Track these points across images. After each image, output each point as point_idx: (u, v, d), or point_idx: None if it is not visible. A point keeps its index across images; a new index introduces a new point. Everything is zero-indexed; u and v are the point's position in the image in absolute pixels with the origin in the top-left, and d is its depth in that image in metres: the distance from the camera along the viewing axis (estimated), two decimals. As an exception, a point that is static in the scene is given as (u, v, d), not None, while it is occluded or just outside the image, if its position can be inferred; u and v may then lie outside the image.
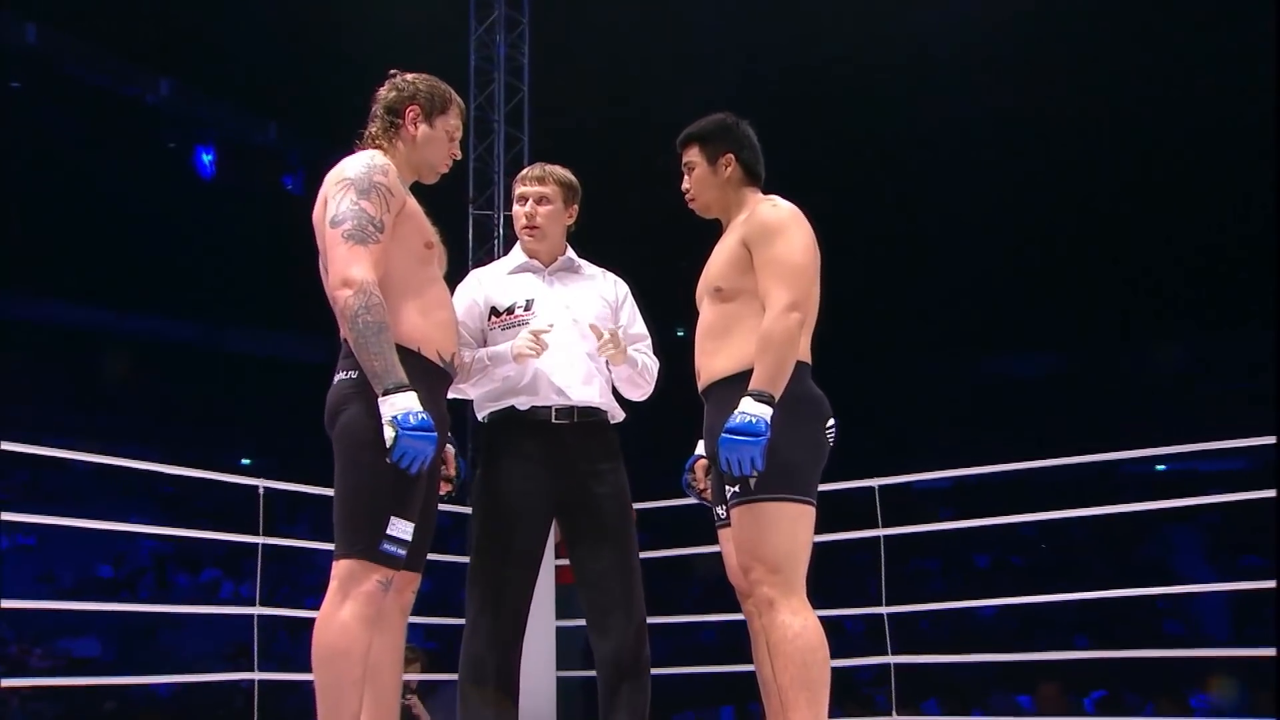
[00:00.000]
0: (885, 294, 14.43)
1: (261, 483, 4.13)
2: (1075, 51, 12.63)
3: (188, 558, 12.74)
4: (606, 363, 3.13)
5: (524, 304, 3.09)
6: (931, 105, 13.31)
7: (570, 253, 3.20)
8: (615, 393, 3.19)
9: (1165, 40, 12.03)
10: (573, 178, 3.19)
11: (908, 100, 13.23)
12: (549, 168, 3.18)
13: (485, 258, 9.10)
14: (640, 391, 3.18)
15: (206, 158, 14.91)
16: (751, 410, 2.49)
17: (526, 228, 3.14)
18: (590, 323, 3.07)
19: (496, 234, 9.36)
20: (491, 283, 3.15)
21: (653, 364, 3.19)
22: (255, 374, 15.39)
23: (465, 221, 9.36)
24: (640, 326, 3.23)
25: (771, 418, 2.49)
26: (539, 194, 3.14)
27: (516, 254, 3.20)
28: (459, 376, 2.88)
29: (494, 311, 3.10)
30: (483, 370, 3.01)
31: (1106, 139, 13.26)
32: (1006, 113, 13.20)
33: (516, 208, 3.15)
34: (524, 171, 3.18)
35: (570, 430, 3.03)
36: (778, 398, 2.52)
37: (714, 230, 2.92)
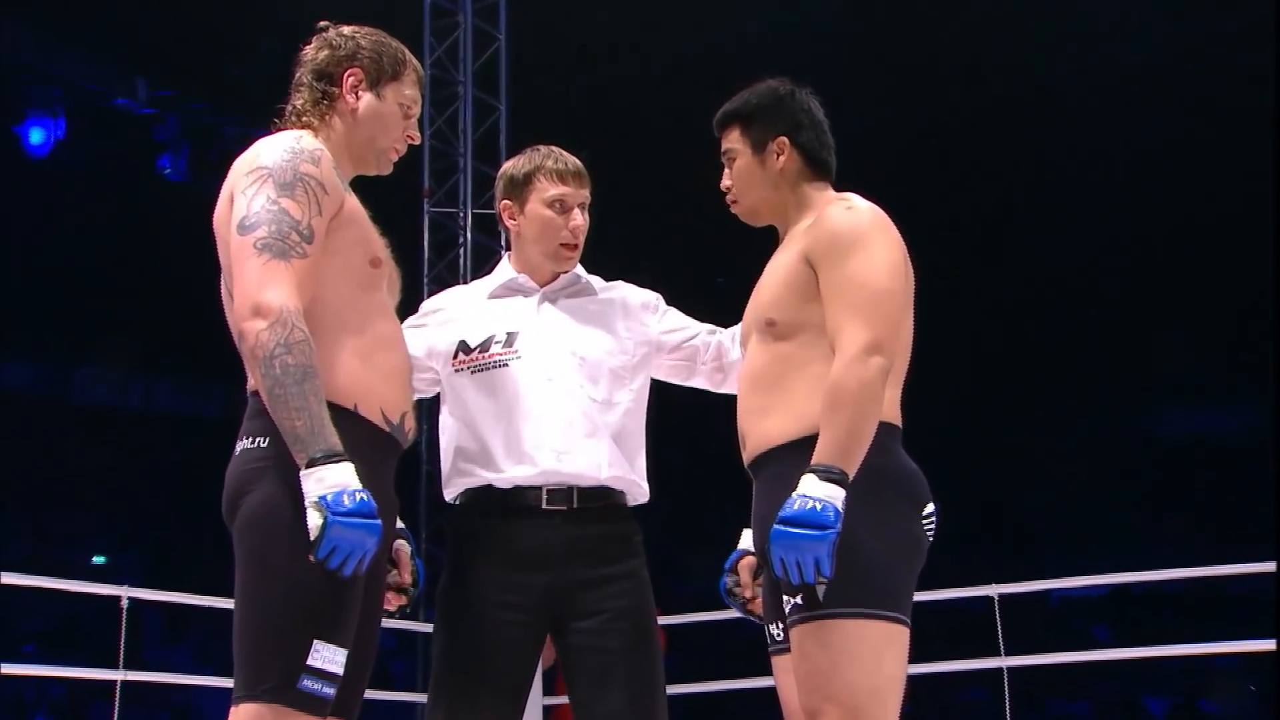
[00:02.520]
0: (1007, 325, 14.36)
1: (124, 591, 4.12)
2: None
3: (7, 703, 12.70)
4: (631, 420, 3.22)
5: (504, 337, 3.18)
6: (1081, 54, 13.35)
7: (578, 267, 3.31)
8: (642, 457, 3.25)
9: None
10: None
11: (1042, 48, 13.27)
12: (576, 160, 3.30)
13: (448, 276, 9.01)
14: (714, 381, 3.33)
15: (38, 133, 14.74)
16: (816, 492, 2.53)
17: (569, 246, 3.26)
18: (593, 356, 3.18)
19: (462, 239, 9.34)
20: (464, 308, 3.25)
21: (730, 342, 3.32)
22: (115, 436, 15.33)
23: (418, 223, 9.39)
24: (688, 320, 3.37)
25: (845, 502, 2.53)
26: (585, 199, 3.28)
27: (504, 271, 3.33)
28: None
29: (462, 348, 3.20)
30: None
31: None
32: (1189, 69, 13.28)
33: (547, 213, 3.25)
34: (549, 162, 3.28)
35: (570, 518, 3.09)
36: (853, 474, 2.56)
37: (766, 239, 2.94)
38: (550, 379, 3.13)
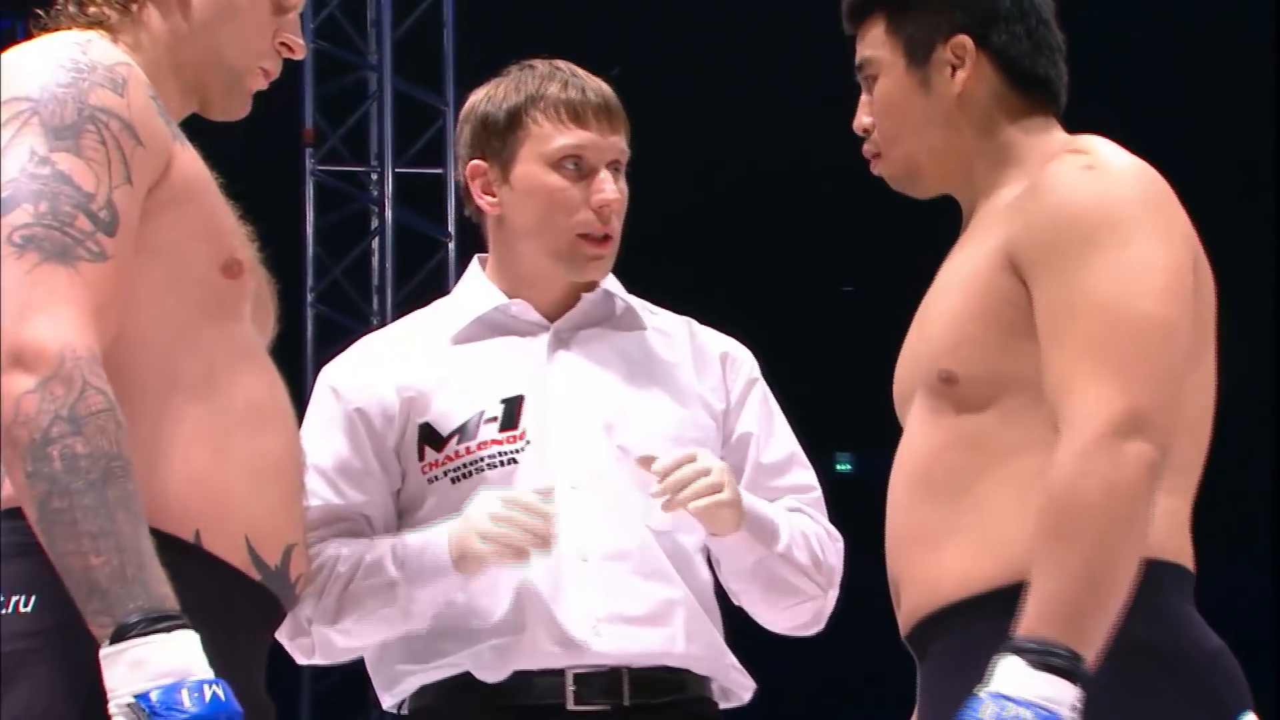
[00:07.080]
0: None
1: None
2: None
3: None
4: (710, 560, 2.56)
5: (498, 412, 2.50)
6: None
7: (612, 283, 2.63)
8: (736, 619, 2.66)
9: None
10: None
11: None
12: (600, 83, 2.57)
13: (352, 290, 7.24)
14: (795, 609, 2.61)
15: None
16: (1024, 690, 1.91)
17: (595, 240, 2.54)
18: (645, 455, 2.43)
19: (377, 223, 7.35)
20: (415, 367, 2.55)
21: (829, 540, 2.62)
22: None
23: (297, 193, 7.26)
24: (786, 445, 2.67)
25: (1080, 706, 1.90)
26: (619, 153, 2.54)
27: (478, 292, 2.62)
28: (309, 602, 2.41)
29: (429, 438, 2.50)
30: (382, 592, 2.44)
31: None
32: None
33: (553, 180, 2.50)
34: (553, 87, 2.52)
35: None
36: (1094, 655, 1.92)
37: (932, 221, 2.29)
38: (575, 485, 2.46)
